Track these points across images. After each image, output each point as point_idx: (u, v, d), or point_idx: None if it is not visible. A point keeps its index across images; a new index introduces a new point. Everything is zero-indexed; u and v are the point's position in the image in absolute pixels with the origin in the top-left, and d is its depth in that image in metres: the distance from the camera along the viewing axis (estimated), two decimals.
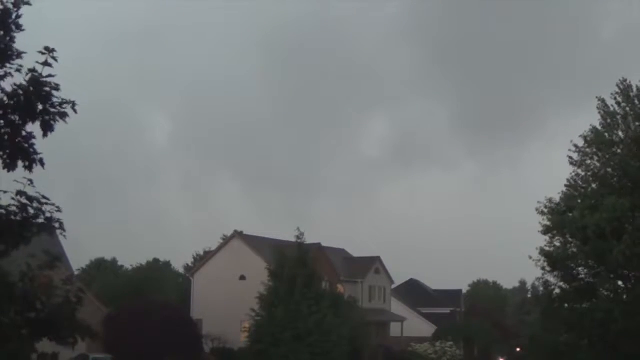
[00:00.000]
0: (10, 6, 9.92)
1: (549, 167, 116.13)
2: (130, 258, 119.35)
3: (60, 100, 9.91)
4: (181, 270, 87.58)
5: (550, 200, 31.70)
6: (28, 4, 10.05)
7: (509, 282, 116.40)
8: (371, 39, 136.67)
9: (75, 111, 10.05)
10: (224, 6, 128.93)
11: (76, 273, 58.12)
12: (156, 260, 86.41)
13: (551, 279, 31.27)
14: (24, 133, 9.88)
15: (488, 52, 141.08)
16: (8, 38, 9.86)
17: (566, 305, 31.35)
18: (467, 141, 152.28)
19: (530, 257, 31.07)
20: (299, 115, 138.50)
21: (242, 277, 59.92)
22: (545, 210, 31.48)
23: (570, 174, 32.07)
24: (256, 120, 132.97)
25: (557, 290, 31.62)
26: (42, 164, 9.98)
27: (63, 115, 9.94)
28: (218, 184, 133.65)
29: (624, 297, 30.20)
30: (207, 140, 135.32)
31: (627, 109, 31.25)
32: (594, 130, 31.56)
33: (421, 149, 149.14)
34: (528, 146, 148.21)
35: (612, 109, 31.47)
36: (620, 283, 31.12)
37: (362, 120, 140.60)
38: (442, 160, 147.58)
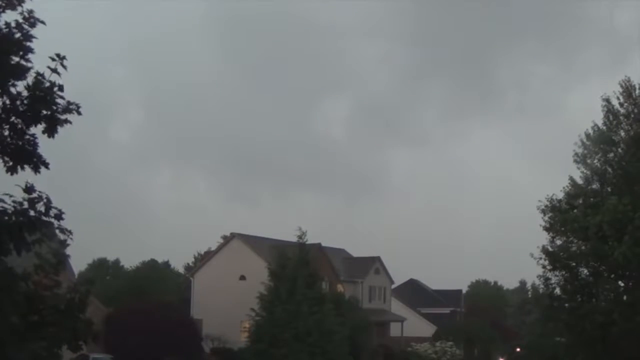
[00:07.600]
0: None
1: (549, 165, 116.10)
2: (128, 258, 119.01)
3: (65, 104, 9.78)
4: (181, 270, 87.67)
5: (552, 198, 31.61)
6: None
7: (509, 282, 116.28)
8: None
9: (79, 113, 9.96)
10: None
11: (76, 273, 58.03)
12: (154, 260, 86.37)
13: (552, 277, 31.15)
14: (26, 137, 9.81)
15: (466, 28, 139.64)
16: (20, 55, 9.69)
17: (566, 305, 31.24)
18: (466, 137, 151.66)
19: (532, 255, 30.97)
20: (277, 102, 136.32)
21: (242, 277, 59.94)
22: (547, 209, 31.38)
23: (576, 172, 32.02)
24: (242, 114, 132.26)
25: (558, 290, 31.53)
26: (47, 166, 9.92)
27: (66, 122, 9.87)
28: (213, 183, 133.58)
29: (624, 297, 30.10)
30: (193, 138, 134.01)
31: (630, 108, 31.16)
32: (596, 128, 31.49)
33: (415, 142, 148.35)
34: (528, 143, 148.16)
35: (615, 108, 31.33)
36: (620, 283, 31.02)
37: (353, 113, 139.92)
38: (441, 157, 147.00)
